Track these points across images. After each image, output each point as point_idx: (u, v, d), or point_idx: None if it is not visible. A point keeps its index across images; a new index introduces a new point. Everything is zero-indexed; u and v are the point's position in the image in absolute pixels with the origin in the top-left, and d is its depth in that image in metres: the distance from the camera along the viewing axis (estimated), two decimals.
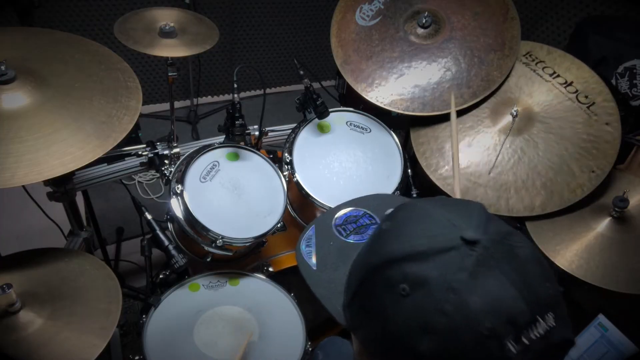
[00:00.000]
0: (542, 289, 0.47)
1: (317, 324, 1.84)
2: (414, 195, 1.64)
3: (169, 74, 1.52)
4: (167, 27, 1.42)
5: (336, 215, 0.71)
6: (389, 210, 0.62)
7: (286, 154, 1.51)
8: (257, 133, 1.66)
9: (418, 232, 0.51)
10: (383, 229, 0.56)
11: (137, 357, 1.21)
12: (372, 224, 0.72)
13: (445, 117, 1.55)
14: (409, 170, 1.61)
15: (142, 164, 1.61)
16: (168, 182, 1.46)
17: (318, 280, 0.62)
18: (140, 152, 1.58)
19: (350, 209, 0.70)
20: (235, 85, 1.42)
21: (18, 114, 1.02)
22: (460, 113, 1.54)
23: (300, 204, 1.58)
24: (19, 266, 1.07)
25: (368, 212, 0.74)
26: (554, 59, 1.54)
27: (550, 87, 1.50)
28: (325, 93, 1.81)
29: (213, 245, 1.32)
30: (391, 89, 1.56)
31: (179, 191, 1.33)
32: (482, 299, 0.45)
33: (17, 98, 1.04)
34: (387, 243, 0.53)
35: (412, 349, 0.47)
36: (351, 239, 0.69)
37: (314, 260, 0.64)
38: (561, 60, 1.52)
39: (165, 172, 1.51)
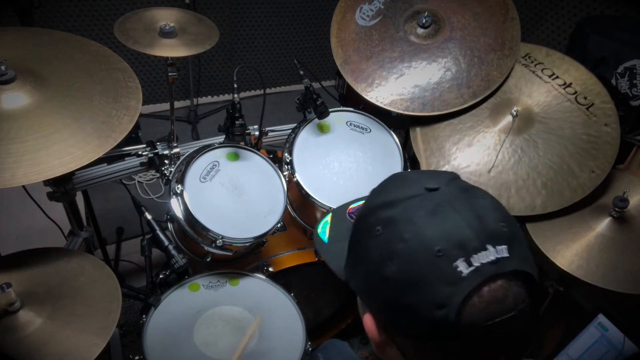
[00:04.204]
0: (495, 225, 0.54)
1: (317, 324, 1.84)
2: None
3: (169, 74, 1.52)
4: (167, 27, 1.42)
5: (351, 206, 0.79)
6: None
7: (286, 154, 1.51)
8: (257, 133, 1.66)
9: (394, 189, 0.62)
10: (370, 192, 0.66)
11: (137, 357, 1.21)
12: None
13: (445, 117, 1.55)
14: (409, 170, 1.61)
15: (142, 164, 1.61)
16: (168, 182, 1.46)
17: (327, 250, 0.73)
18: (140, 152, 1.58)
19: (364, 201, 0.77)
20: (235, 85, 1.42)
21: (18, 114, 1.02)
22: (460, 113, 1.55)
23: (300, 204, 1.58)
24: (18, 266, 1.07)
25: None
26: (552, 61, 1.54)
27: (549, 89, 1.50)
28: (325, 93, 1.82)
29: (213, 245, 1.32)
30: (391, 89, 1.56)
31: (179, 191, 1.33)
32: (435, 228, 0.54)
33: (17, 98, 1.04)
34: (370, 200, 0.64)
35: (382, 275, 0.56)
36: None
37: (326, 237, 0.75)
38: (560, 62, 1.53)
39: (165, 172, 1.51)
